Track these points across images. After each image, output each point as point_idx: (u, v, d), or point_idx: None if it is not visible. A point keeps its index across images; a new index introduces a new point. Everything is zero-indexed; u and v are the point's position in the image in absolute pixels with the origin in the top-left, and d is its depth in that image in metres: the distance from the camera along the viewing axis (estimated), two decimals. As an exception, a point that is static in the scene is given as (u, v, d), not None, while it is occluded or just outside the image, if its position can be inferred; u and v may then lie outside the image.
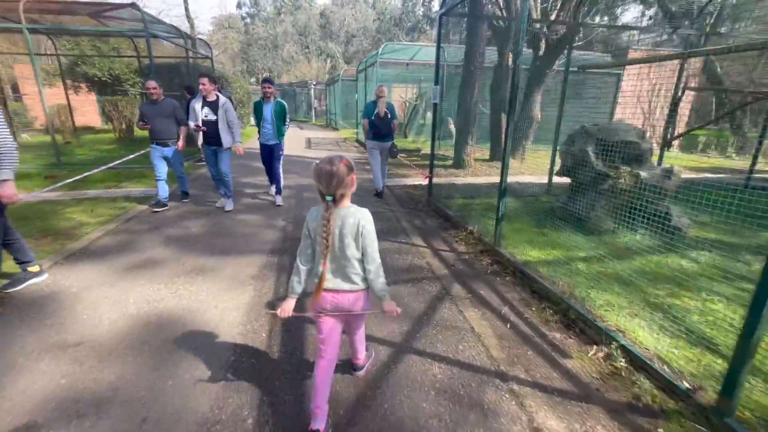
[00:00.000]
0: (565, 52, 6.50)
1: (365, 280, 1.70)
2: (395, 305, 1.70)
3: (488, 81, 9.86)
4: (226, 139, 5.04)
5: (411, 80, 13.51)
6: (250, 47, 50.31)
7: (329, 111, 24.00)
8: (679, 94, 5.85)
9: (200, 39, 10.86)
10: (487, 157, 10.08)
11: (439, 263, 3.73)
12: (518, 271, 3.39)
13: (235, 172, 7.77)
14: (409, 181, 7.61)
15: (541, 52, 8.62)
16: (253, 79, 51.35)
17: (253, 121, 24.95)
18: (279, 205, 5.75)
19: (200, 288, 3.10)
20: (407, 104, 14.59)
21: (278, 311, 1.70)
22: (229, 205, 5.38)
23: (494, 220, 3.74)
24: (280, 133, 5.65)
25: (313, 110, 29.04)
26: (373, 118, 5.85)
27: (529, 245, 3.96)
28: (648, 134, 4.86)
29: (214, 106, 4.91)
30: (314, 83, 29.12)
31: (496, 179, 3.74)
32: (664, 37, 9.39)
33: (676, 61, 5.85)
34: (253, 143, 11.89)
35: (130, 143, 11.62)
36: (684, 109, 8.83)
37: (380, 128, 5.87)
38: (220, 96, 4.98)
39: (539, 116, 9.12)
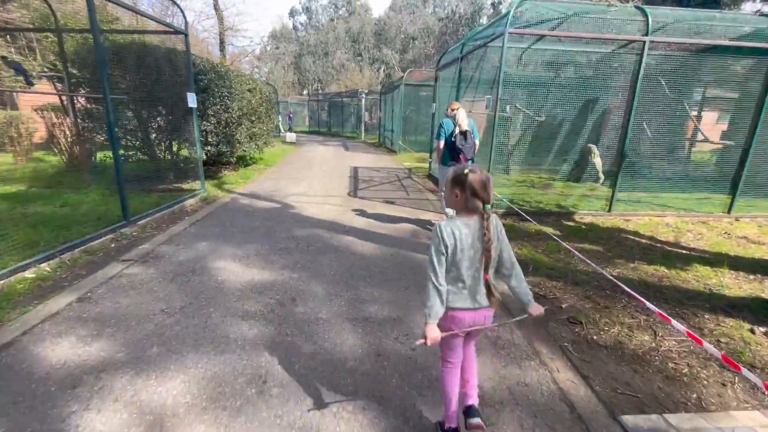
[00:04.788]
0: None
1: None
2: (539, 306, 1.59)
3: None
4: None
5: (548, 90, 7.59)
6: (302, 57, 47.21)
7: (383, 126, 18.79)
8: None
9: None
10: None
11: None
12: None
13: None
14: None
15: None
16: (305, 92, 48.10)
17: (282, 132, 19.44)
18: None
19: None
20: (514, 120, 8.87)
21: (426, 341, 1.48)
22: None
23: None
24: None
25: (363, 124, 24.11)
26: (452, 138, 4.32)
27: None
28: None
29: None
30: (365, 92, 24.25)
31: None
32: None
33: None
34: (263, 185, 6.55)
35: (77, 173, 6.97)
36: None
37: (463, 151, 4.29)
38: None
39: None
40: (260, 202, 6.30)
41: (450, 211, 1.93)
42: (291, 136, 19.02)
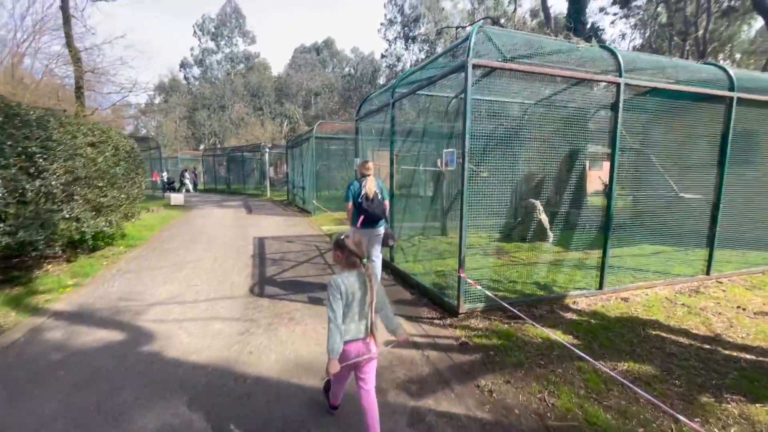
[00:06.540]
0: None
1: None
2: (405, 333, 2.13)
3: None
4: None
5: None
6: (196, 111, 43.30)
7: (292, 183, 16.70)
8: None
9: None
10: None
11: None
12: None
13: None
14: None
15: None
16: (202, 146, 43.61)
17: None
18: None
19: None
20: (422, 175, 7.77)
21: (329, 374, 1.96)
22: None
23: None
24: None
25: (268, 180, 21.67)
26: (360, 200, 4.29)
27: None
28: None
29: None
30: (269, 146, 22.12)
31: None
32: None
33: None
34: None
35: None
36: None
37: (371, 213, 4.31)
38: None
39: None
40: (90, 331, 3.60)
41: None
42: (177, 198, 15.63)
